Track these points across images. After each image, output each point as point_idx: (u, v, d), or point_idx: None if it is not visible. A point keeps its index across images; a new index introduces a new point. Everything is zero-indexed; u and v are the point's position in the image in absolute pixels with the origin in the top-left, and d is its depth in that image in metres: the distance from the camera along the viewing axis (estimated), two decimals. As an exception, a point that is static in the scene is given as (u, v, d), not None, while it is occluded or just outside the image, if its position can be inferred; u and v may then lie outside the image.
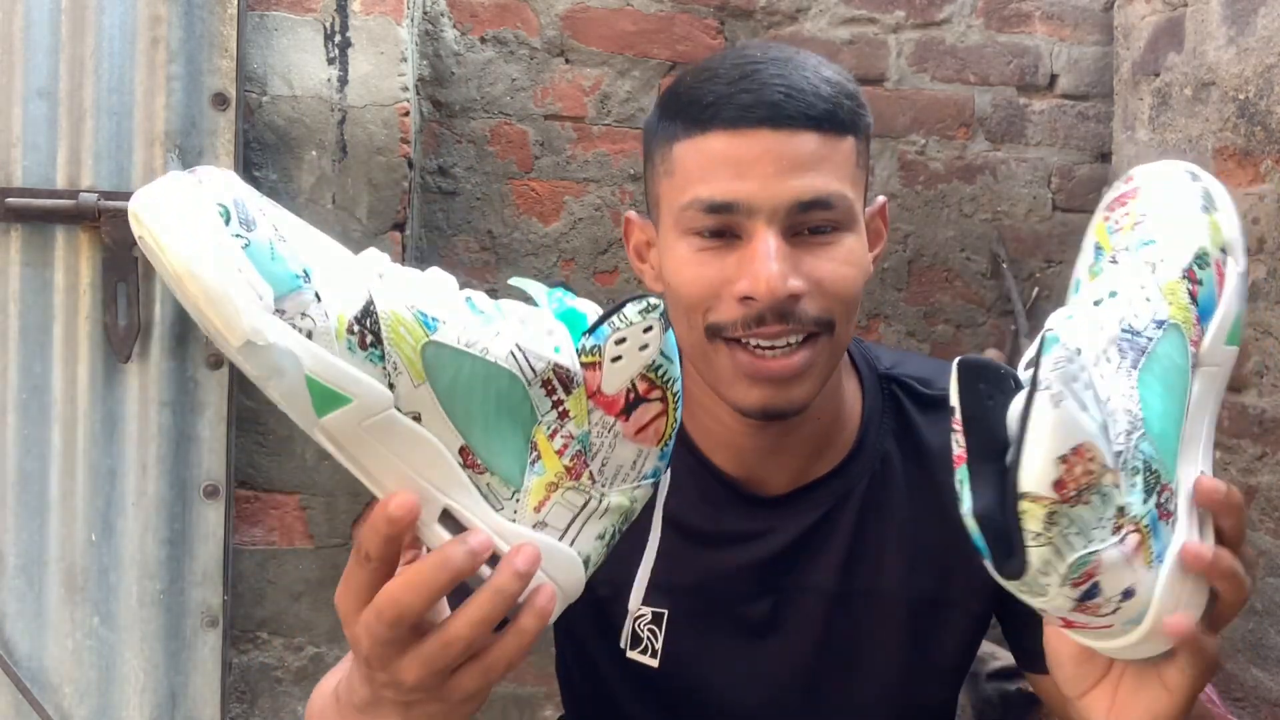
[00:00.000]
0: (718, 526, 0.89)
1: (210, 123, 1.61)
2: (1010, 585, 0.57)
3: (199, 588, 1.63)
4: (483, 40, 1.99)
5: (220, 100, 1.61)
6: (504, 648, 0.57)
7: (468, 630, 0.55)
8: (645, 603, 0.84)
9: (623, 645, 0.87)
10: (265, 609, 1.74)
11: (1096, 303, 0.62)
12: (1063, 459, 0.53)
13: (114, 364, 1.59)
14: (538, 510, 0.60)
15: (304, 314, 0.53)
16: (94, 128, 1.57)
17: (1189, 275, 0.62)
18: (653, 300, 0.61)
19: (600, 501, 0.62)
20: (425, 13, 1.94)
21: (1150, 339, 0.60)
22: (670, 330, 0.63)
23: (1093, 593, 0.56)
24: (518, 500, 0.59)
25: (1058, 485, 0.53)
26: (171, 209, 0.52)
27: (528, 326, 0.59)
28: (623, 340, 0.60)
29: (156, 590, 1.62)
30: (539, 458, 0.60)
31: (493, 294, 0.60)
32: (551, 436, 0.60)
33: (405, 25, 1.73)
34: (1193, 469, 0.61)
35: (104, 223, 1.54)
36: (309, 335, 0.53)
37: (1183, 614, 0.59)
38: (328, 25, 1.70)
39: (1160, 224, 0.64)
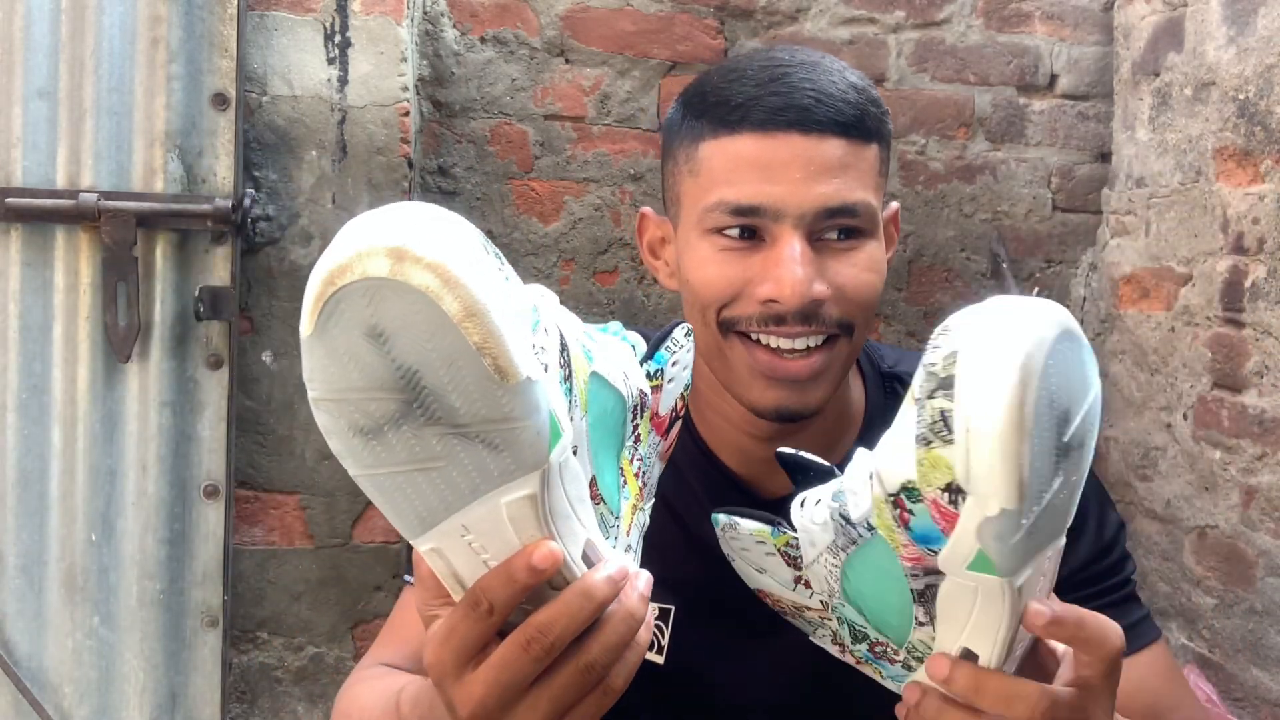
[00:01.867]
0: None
1: (210, 123, 1.61)
2: None
3: (199, 588, 1.63)
4: (483, 40, 1.99)
5: (220, 100, 1.61)
6: (621, 670, 0.57)
7: (604, 656, 0.55)
8: (652, 599, 0.83)
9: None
10: (265, 609, 1.74)
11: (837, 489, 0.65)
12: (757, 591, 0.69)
13: (114, 364, 1.59)
14: (628, 534, 0.61)
15: (542, 348, 0.53)
16: (94, 128, 1.57)
17: (897, 502, 0.56)
18: (686, 324, 0.65)
19: (648, 518, 0.64)
20: (425, 13, 1.94)
21: (861, 535, 0.61)
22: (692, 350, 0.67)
23: None
24: (618, 526, 0.60)
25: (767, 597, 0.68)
26: (455, 244, 0.48)
27: (624, 355, 0.61)
28: (676, 363, 0.63)
29: (156, 590, 1.62)
30: (625, 483, 0.61)
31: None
32: (631, 461, 0.61)
33: (405, 25, 1.73)
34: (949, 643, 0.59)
35: (104, 223, 1.54)
36: (546, 369, 0.52)
37: None
38: (328, 25, 1.70)
39: (891, 433, 0.58)
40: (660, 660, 0.87)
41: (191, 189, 1.60)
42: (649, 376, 0.62)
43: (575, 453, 0.55)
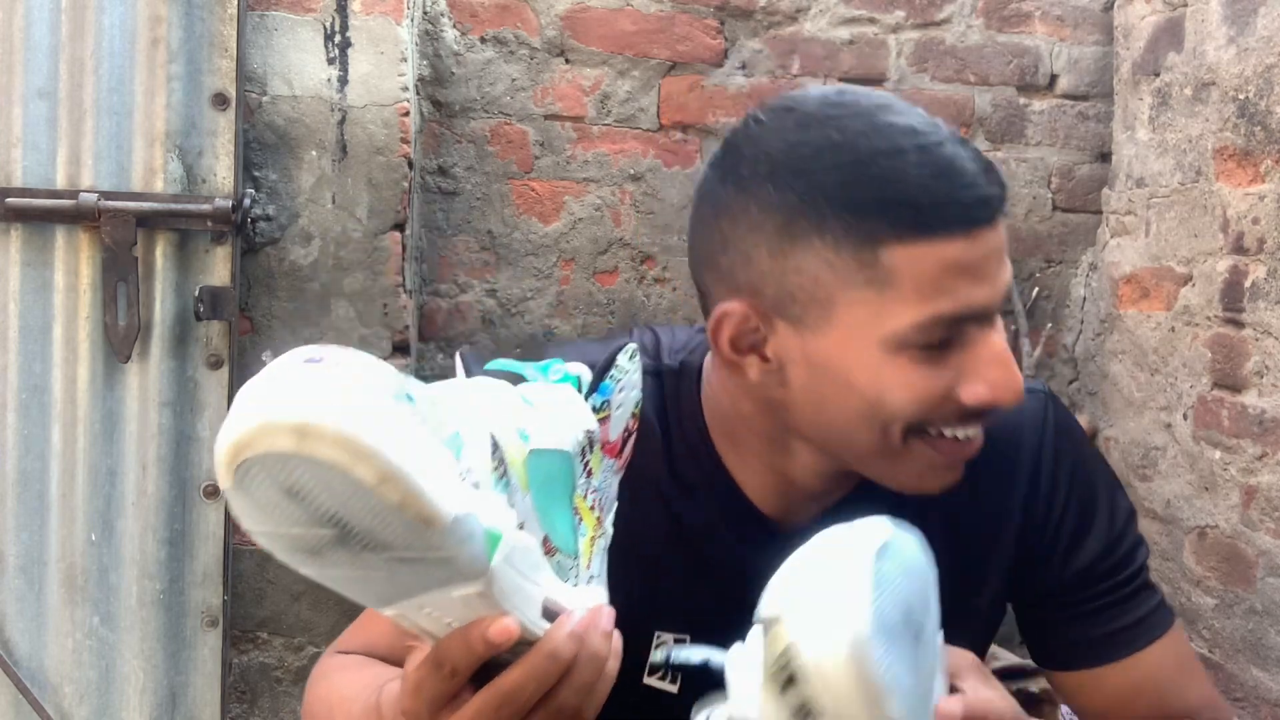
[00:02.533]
0: (744, 555, 0.85)
1: (210, 123, 1.61)
2: None
3: (199, 588, 1.63)
4: (483, 40, 1.99)
5: (220, 100, 1.61)
6: (591, 703, 0.60)
7: (574, 698, 0.58)
8: (666, 628, 0.84)
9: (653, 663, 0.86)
10: (265, 609, 1.74)
11: None
12: None
13: (114, 364, 1.59)
14: (588, 567, 0.62)
15: (469, 469, 0.53)
16: (94, 128, 1.57)
17: None
18: (630, 345, 0.63)
19: (607, 535, 0.65)
20: (425, 13, 1.94)
21: None
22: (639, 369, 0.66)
23: None
24: (577, 565, 0.61)
25: None
26: (362, 409, 0.47)
27: (564, 406, 0.61)
28: (622, 389, 0.63)
29: (156, 590, 1.62)
30: (580, 519, 0.62)
31: (492, 294, 0.61)
32: (585, 496, 0.62)
33: (405, 25, 1.73)
34: None
35: (104, 223, 1.54)
36: (476, 486, 0.53)
37: None
38: (328, 25, 1.70)
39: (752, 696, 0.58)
40: (675, 689, 0.85)
41: (191, 189, 1.60)
42: (596, 410, 0.63)
43: (522, 527, 0.56)
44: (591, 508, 0.62)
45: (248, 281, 1.70)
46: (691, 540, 0.84)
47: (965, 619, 0.87)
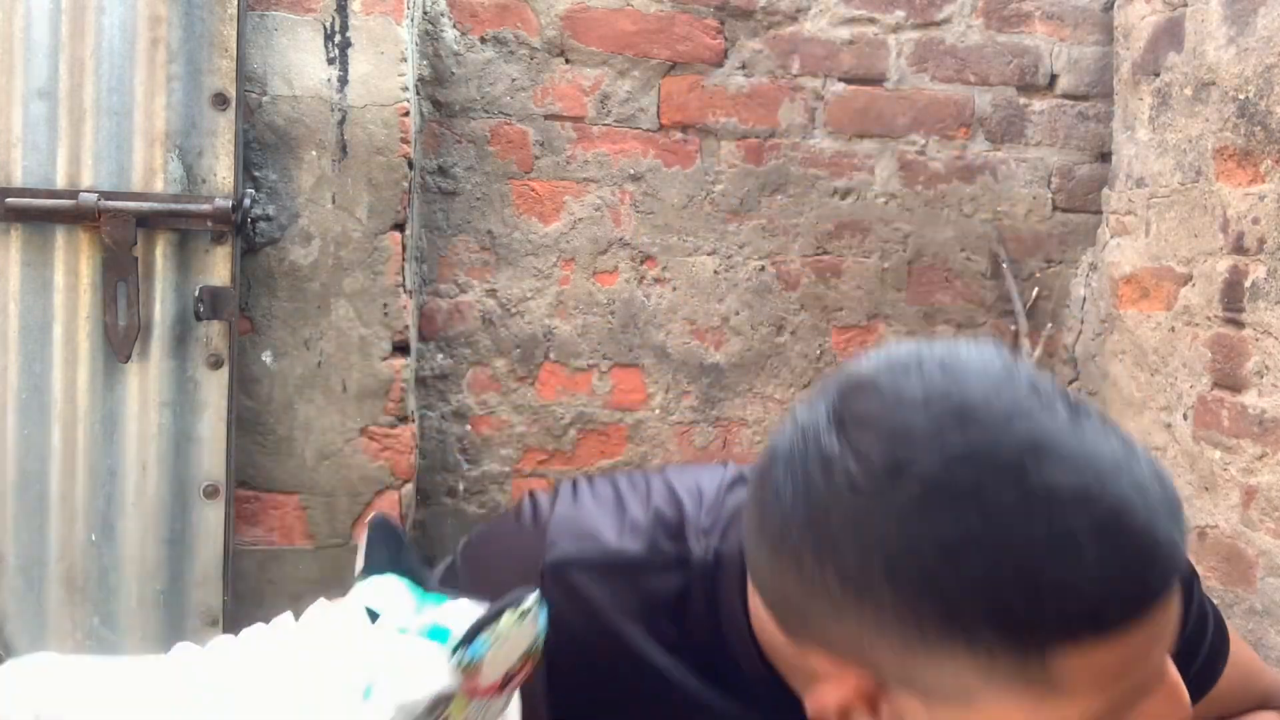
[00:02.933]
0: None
1: (210, 123, 1.61)
2: None
3: (199, 588, 1.63)
4: (483, 40, 1.99)
5: (220, 100, 1.61)
6: None
7: None
8: None
9: None
10: (265, 609, 1.73)
11: None
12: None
13: (114, 364, 1.59)
14: None
15: None
16: (94, 128, 1.57)
17: None
18: (525, 605, 0.56)
19: None
20: (425, 13, 1.94)
21: None
22: (544, 608, 0.59)
23: None
24: None
25: None
26: None
27: (416, 668, 0.58)
28: (501, 646, 0.58)
29: (156, 590, 1.62)
30: None
31: (492, 294, 0.60)
32: None
33: (405, 25, 1.73)
34: None
35: (104, 223, 1.54)
36: None
37: None
38: (328, 25, 1.70)
39: None
40: None
41: (191, 189, 1.60)
42: (464, 664, 0.58)
43: None
44: None
45: (248, 281, 1.70)
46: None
47: None
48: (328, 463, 1.73)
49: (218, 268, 1.61)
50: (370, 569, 0.63)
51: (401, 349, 1.75)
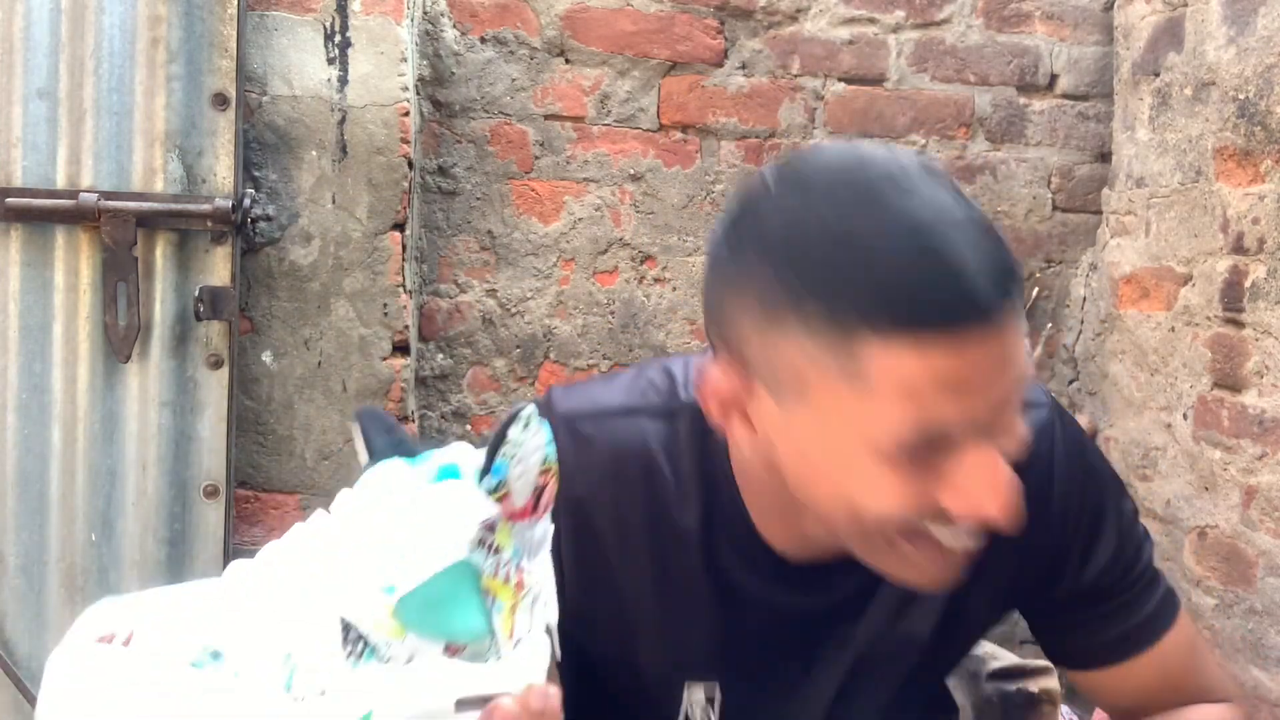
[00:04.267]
0: (769, 597, 0.83)
1: (210, 123, 1.61)
2: None
3: (199, 588, 1.63)
4: (483, 40, 1.99)
5: (220, 100, 1.61)
6: None
7: None
8: (695, 679, 0.83)
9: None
10: (265, 609, 1.74)
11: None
12: None
13: (114, 364, 1.59)
14: (511, 636, 0.61)
15: (305, 691, 0.53)
16: (94, 128, 1.57)
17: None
18: (524, 411, 0.59)
19: (537, 587, 0.64)
20: (425, 13, 1.94)
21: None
22: (543, 419, 0.62)
23: None
24: (495, 642, 0.61)
25: None
26: (142, 702, 0.49)
27: (447, 507, 0.60)
28: (520, 461, 0.61)
29: (156, 590, 1.62)
30: (494, 598, 0.61)
31: (492, 294, 0.61)
32: (495, 575, 0.61)
33: (405, 25, 1.73)
34: None
35: (104, 223, 1.54)
36: (323, 694, 0.54)
37: None
38: (328, 25, 1.70)
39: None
40: None
41: (191, 189, 1.60)
42: (493, 490, 0.61)
43: (412, 659, 0.56)
44: (505, 581, 0.62)
45: (248, 281, 1.70)
46: (719, 587, 0.81)
47: (957, 618, 0.88)
48: (328, 463, 1.73)
49: (218, 268, 1.61)
50: (375, 457, 0.65)
51: (401, 349, 1.75)
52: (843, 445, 0.67)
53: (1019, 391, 0.66)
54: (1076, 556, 0.83)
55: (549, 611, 0.64)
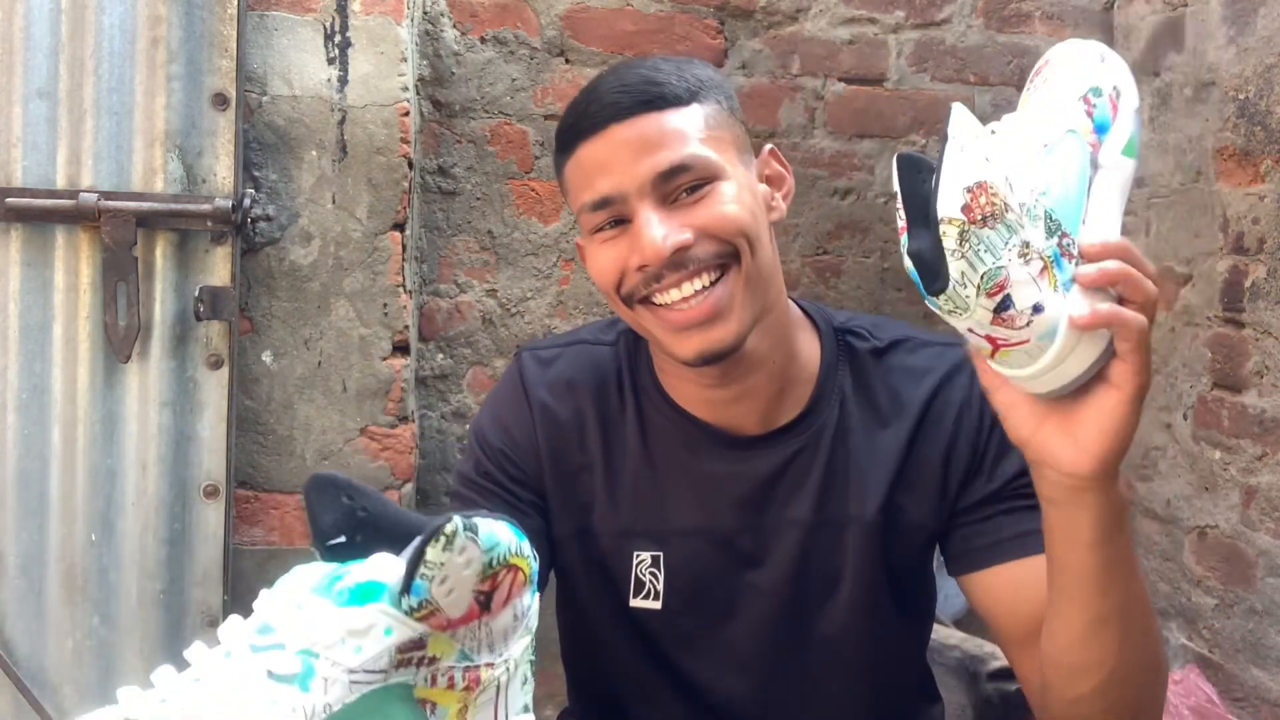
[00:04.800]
0: (699, 468, 0.98)
1: (210, 123, 1.61)
2: (939, 303, 0.68)
3: (199, 588, 1.63)
4: (483, 40, 1.99)
5: (220, 100, 1.61)
6: None
7: None
8: (642, 548, 0.98)
9: (630, 593, 0.99)
10: (265, 609, 1.74)
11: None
12: (968, 189, 0.66)
13: (114, 364, 1.59)
14: None
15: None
16: (94, 128, 1.57)
17: (1085, 100, 0.77)
18: (446, 528, 0.57)
19: (508, 668, 0.62)
20: (425, 13, 1.94)
21: (1055, 139, 0.76)
22: (483, 525, 0.59)
23: (1006, 304, 0.68)
24: None
25: (965, 209, 0.66)
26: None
27: (345, 644, 0.57)
28: (443, 581, 0.58)
29: (156, 590, 1.61)
30: (434, 706, 0.59)
31: (492, 294, 0.60)
32: (432, 683, 0.59)
33: (405, 25, 1.73)
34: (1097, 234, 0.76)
35: (104, 223, 1.54)
36: None
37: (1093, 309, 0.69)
38: (328, 25, 1.70)
39: (1062, 70, 0.79)
40: (658, 606, 0.97)
41: (191, 189, 1.60)
42: (413, 611, 0.57)
43: None
44: (449, 686, 0.59)
45: (248, 281, 1.70)
46: (655, 464, 0.98)
47: (914, 537, 0.97)
48: (328, 463, 1.72)
49: (218, 268, 1.61)
50: (318, 538, 0.63)
51: (401, 349, 1.75)
52: (584, 242, 0.96)
53: (674, 168, 0.88)
54: (991, 459, 0.95)
55: (526, 691, 0.64)
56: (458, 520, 0.57)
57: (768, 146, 1.01)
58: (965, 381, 0.97)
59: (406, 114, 1.73)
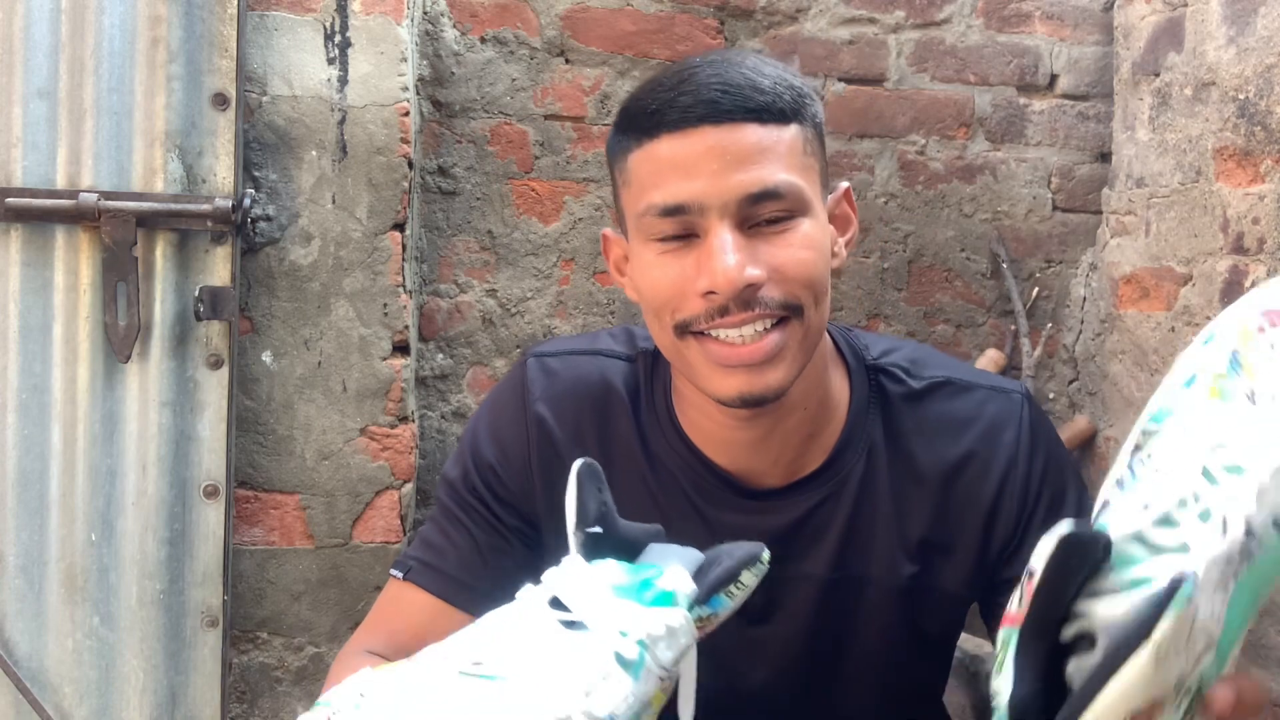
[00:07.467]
0: (710, 516, 0.91)
1: (210, 123, 1.61)
2: None
3: (199, 588, 1.63)
4: (483, 40, 1.99)
5: (220, 100, 1.61)
6: None
7: None
8: None
9: None
10: (265, 609, 1.74)
11: (1229, 469, 0.53)
12: (1135, 713, 0.51)
13: (114, 364, 1.59)
14: None
15: None
16: (94, 128, 1.57)
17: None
18: (762, 556, 0.67)
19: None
20: (425, 13, 1.94)
21: (1259, 542, 0.54)
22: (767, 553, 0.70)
23: None
24: None
25: None
26: None
27: (662, 643, 0.63)
28: (739, 599, 0.67)
29: (156, 590, 1.62)
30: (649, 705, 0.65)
31: (492, 294, 0.61)
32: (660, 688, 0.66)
33: (405, 25, 1.73)
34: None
35: (104, 223, 1.54)
36: None
37: None
38: (328, 25, 1.70)
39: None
40: None
41: (191, 189, 1.60)
42: (703, 619, 0.65)
43: None
44: (663, 689, 0.66)
45: (248, 281, 1.70)
46: (660, 504, 0.91)
47: (943, 601, 0.92)
48: (328, 463, 1.73)
49: (218, 268, 1.61)
50: (580, 524, 0.68)
51: (401, 349, 1.75)
52: (635, 245, 0.85)
53: (764, 192, 0.80)
54: (1036, 533, 0.85)
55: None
56: (766, 552, 0.67)
57: (844, 184, 0.92)
58: (1013, 437, 0.89)
59: (406, 114, 1.73)
